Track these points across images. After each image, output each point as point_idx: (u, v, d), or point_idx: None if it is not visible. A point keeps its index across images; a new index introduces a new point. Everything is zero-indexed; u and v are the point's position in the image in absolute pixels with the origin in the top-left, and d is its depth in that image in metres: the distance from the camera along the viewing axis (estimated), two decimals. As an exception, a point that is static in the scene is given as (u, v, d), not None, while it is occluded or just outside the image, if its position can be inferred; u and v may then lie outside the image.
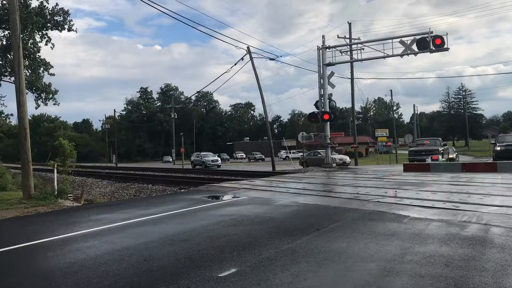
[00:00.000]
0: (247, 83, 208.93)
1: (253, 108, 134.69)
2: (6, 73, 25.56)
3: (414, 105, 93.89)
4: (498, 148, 26.14)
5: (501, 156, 24.65)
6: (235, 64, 34.32)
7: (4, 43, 24.89)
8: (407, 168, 21.86)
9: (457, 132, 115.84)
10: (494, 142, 29.07)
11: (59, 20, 25.63)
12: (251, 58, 33.61)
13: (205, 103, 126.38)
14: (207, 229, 7.74)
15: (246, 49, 33.52)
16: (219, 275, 4.90)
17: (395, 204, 9.88)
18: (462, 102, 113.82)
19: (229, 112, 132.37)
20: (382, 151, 50.67)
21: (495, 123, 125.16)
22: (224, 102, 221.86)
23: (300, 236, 6.79)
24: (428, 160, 24.52)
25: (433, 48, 23.40)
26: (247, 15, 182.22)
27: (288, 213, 9.28)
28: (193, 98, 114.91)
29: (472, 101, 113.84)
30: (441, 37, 23.25)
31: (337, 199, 11.48)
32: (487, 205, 9.28)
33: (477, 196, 10.83)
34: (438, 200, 10.25)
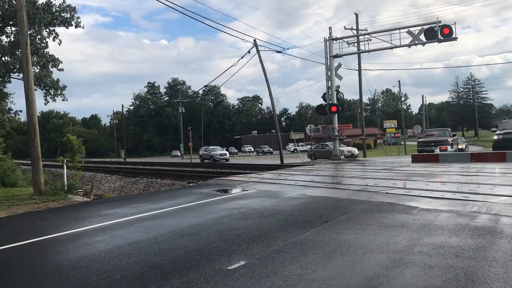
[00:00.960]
0: (253, 76, 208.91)
1: (260, 101, 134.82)
2: (14, 70, 25.75)
3: (422, 96, 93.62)
4: (496, 137, 23.25)
5: (499, 146, 21.89)
6: (242, 57, 34.28)
7: (12, 39, 25.06)
8: (415, 159, 21.75)
9: (467, 122, 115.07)
10: (495, 129, 25.88)
11: (67, 16, 25.76)
12: (258, 51, 33.50)
13: (212, 97, 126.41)
14: (216, 222, 7.76)
15: (253, 42, 33.41)
16: (228, 268, 4.92)
17: (404, 195, 9.84)
18: (471, 92, 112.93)
19: (236, 106, 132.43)
20: (391, 143, 50.53)
21: (505, 112, 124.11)
22: (231, 96, 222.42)
23: (309, 228, 6.80)
24: (437, 151, 24.34)
25: (441, 38, 23.15)
26: (253, 7, 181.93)
27: (296, 206, 9.28)
28: (201, 92, 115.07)
29: (482, 91, 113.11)
30: (449, 27, 23.00)
31: (346, 191, 11.45)
32: (497, 195, 9.22)
33: (486, 186, 10.75)
34: (447, 191, 10.19)
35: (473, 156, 20.39)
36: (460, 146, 30.15)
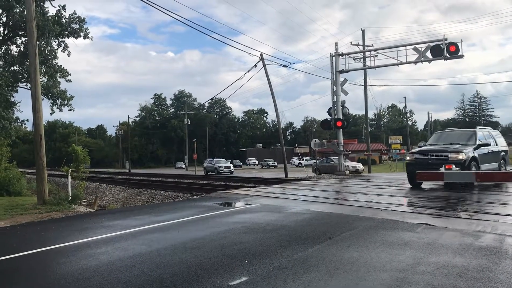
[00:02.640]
0: (258, 90, 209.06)
1: (265, 114, 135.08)
2: (22, 80, 26.00)
3: (428, 112, 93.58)
4: (408, 158, 18.25)
5: (411, 170, 17.01)
6: (248, 71, 34.49)
7: (22, 49, 25.35)
8: (420, 177, 21.53)
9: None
10: (422, 144, 20.87)
11: (76, 27, 26.07)
12: (264, 65, 33.68)
13: (218, 110, 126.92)
14: (219, 236, 7.74)
15: (259, 56, 33.62)
16: (230, 284, 4.89)
17: (408, 213, 9.79)
18: (477, 109, 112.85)
19: (242, 119, 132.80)
20: (396, 159, 50.36)
21: (511, 131, 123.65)
22: (236, 109, 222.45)
23: (312, 245, 6.76)
24: (442, 169, 24.07)
25: (448, 55, 23.17)
26: (259, 22, 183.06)
27: (300, 221, 9.24)
28: (206, 104, 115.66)
29: (488, 108, 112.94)
30: (455, 44, 23.02)
31: (350, 207, 11.40)
32: (502, 214, 9.15)
33: (491, 205, 10.68)
34: (452, 209, 10.12)
35: (477, 175, 20.19)
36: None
